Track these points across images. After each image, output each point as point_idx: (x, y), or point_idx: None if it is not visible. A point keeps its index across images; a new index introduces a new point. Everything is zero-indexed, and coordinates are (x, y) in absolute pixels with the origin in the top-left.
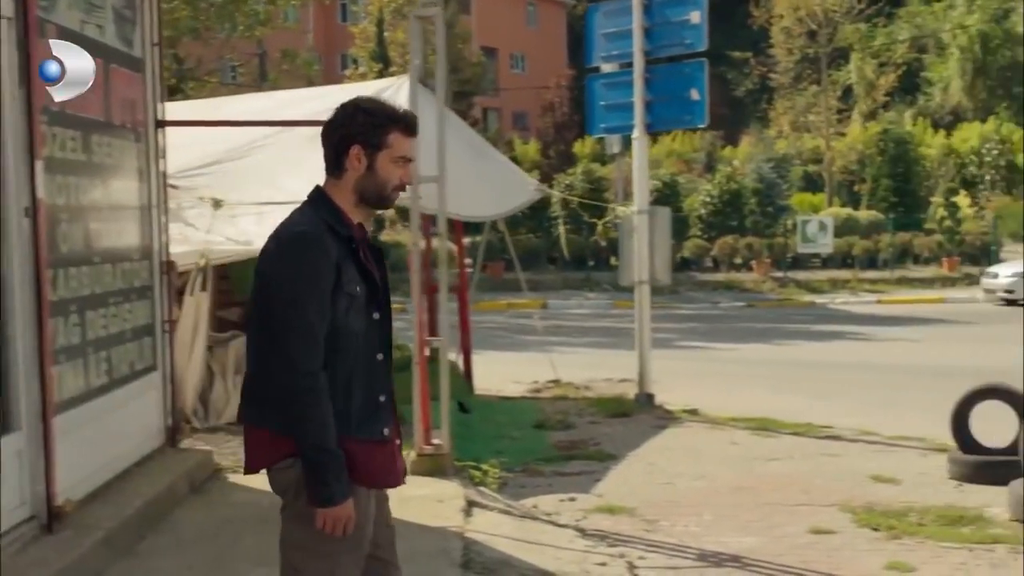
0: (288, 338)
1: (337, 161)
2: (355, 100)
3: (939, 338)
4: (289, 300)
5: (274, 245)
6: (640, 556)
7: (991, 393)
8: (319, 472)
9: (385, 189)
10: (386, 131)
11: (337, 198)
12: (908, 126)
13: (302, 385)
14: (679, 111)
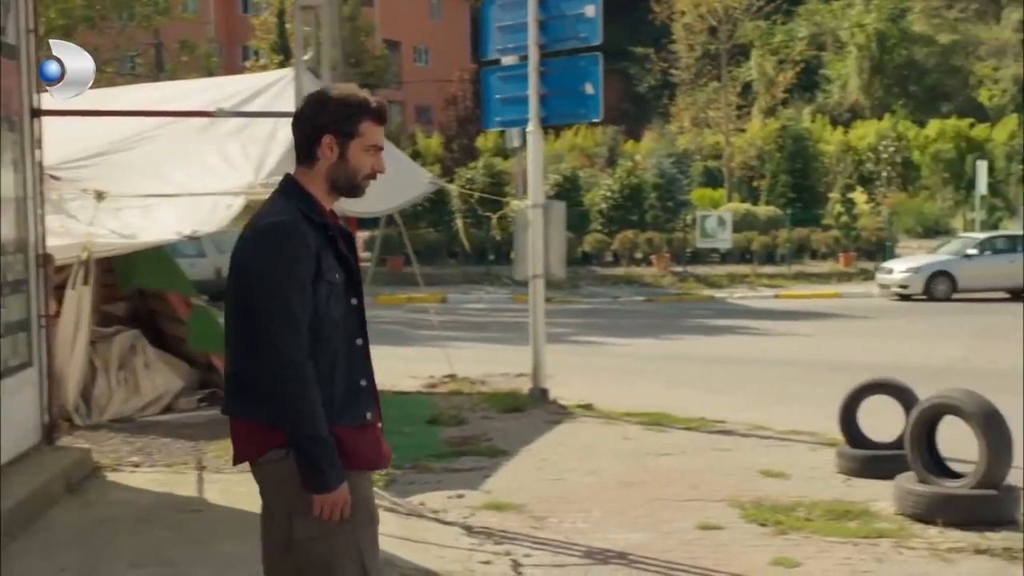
0: (273, 329)
1: (309, 150)
2: (326, 89)
3: (834, 333)
4: (271, 291)
5: (251, 235)
6: (526, 554)
7: (879, 388)
8: (314, 460)
9: (357, 177)
10: (358, 120)
11: (309, 187)
12: (807, 123)
13: (291, 375)
14: (574, 105)
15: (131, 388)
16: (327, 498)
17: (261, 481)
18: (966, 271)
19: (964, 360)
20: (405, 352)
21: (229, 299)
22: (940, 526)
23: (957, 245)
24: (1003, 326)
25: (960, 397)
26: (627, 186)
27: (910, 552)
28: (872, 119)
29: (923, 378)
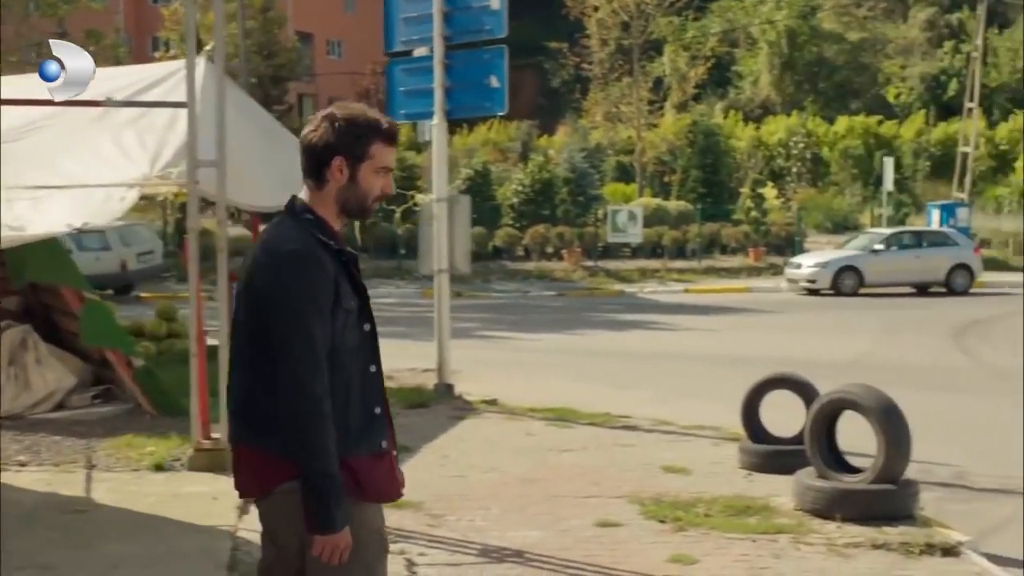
0: (293, 360)
1: (318, 172)
2: (336, 109)
3: (742, 327)
4: (292, 321)
5: (269, 262)
6: (421, 552)
7: (780, 383)
8: (323, 498)
9: (367, 200)
10: (369, 142)
11: (319, 209)
12: (719, 118)
13: (310, 410)
14: (479, 98)
15: (21, 384)
16: (330, 539)
17: (269, 513)
18: (873, 266)
19: (869, 354)
20: None
21: (241, 323)
22: (839, 521)
23: (864, 240)
24: (908, 320)
25: (859, 392)
26: (538, 181)
27: (808, 548)
28: (783, 115)
29: (828, 372)
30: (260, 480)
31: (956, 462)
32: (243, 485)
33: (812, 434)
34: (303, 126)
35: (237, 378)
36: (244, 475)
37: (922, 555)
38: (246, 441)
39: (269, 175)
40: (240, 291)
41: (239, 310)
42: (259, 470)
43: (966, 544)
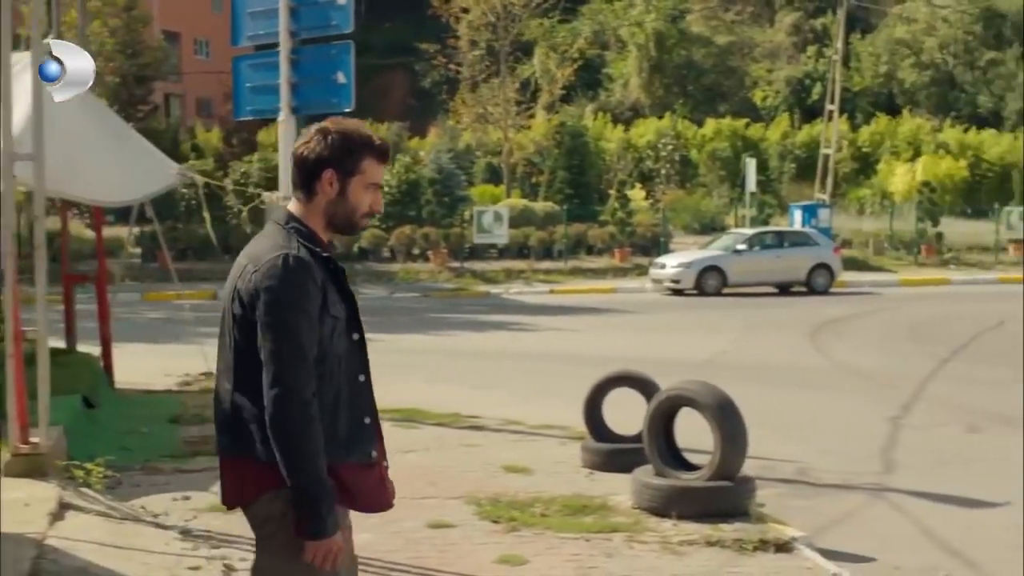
0: (281, 365)
1: (308, 184)
2: (330, 124)
3: (604, 328)
4: (280, 326)
5: (256, 268)
6: (242, 557)
7: (621, 381)
8: (315, 504)
9: (355, 215)
10: (361, 157)
11: (307, 220)
12: (589, 121)
13: (299, 415)
14: (326, 94)
15: None
16: (322, 544)
17: (253, 521)
18: (736, 266)
19: (725, 353)
20: (165, 349)
21: (228, 332)
22: (675, 519)
23: (727, 241)
24: (767, 320)
25: (695, 389)
26: (405, 182)
27: (641, 546)
28: (652, 118)
29: (684, 371)
30: (245, 490)
31: (802, 459)
32: (229, 496)
33: (650, 432)
34: (170, 127)
35: (221, 388)
36: (230, 486)
37: (756, 552)
38: (231, 453)
39: (115, 170)
40: (230, 299)
41: (223, 318)
42: (244, 480)
43: (800, 540)
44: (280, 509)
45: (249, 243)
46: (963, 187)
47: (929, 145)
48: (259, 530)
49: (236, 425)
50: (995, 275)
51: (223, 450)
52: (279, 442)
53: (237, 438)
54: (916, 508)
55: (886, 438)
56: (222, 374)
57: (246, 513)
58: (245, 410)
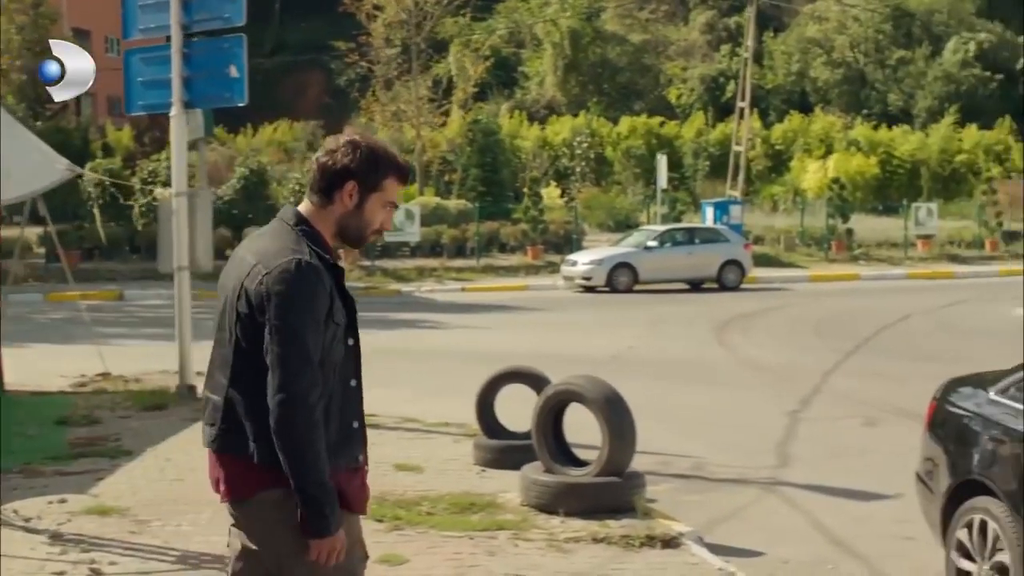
0: (288, 369)
1: (328, 191)
2: (360, 137)
3: (513, 325)
4: (289, 332)
5: (269, 271)
6: (112, 561)
7: (514, 377)
8: (319, 506)
9: (367, 229)
10: (384, 175)
11: (317, 225)
12: (505, 119)
13: (302, 418)
14: (219, 88)
15: None
16: (326, 542)
17: (246, 519)
18: (647, 263)
19: (630, 349)
20: (63, 350)
21: (229, 328)
22: (563, 516)
23: (638, 238)
24: (676, 316)
25: (582, 384)
26: None
27: (526, 544)
28: (568, 116)
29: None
30: (242, 488)
31: (699, 454)
32: (227, 492)
33: (538, 428)
34: (80, 125)
35: (215, 382)
36: (228, 483)
37: (642, 547)
38: (221, 447)
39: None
40: (235, 298)
41: (224, 316)
42: (243, 478)
43: (688, 535)
44: (286, 511)
45: (252, 238)
46: (874, 184)
47: (841, 142)
48: (257, 534)
49: (228, 420)
50: (904, 271)
51: (213, 443)
52: (284, 446)
53: (228, 433)
54: (808, 502)
55: (784, 432)
56: (218, 368)
57: (240, 510)
58: (240, 406)
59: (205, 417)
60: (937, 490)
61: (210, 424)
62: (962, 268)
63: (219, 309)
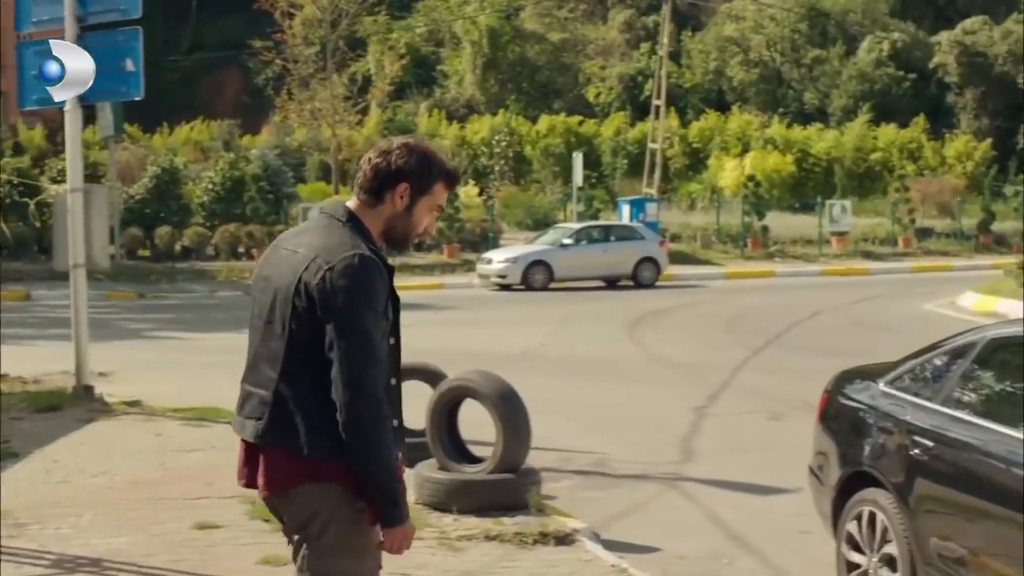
0: (354, 364)
1: (379, 191)
2: (414, 141)
3: (428, 323)
4: (356, 325)
5: (331, 265)
6: None
7: (411, 373)
8: (391, 495)
9: (413, 231)
10: (436, 179)
11: (367, 223)
12: (424, 118)
13: (370, 411)
14: (114, 82)
15: None
16: (399, 531)
17: (288, 511)
18: (562, 261)
19: (541, 346)
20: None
21: (281, 321)
22: (456, 513)
23: (554, 235)
24: (589, 313)
25: (476, 379)
26: (229, 179)
27: (417, 543)
28: (487, 115)
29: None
30: (286, 480)
31: (602, 449)
32: (268, 484)
33: (432, 425)
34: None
35: (261, 375)
36: (269, 475)
37: (536, 545)
38: (275, 442)
39: None
40: (273, 290)
41: (268, 309)
42: (287, 471)
43: (583, 532)
44: (328, 508)
45: (298, 234)
46: (790, 182)
47: (757, 141)
48: (303, 529)
49: (277, 414)
50: (819, 267)
51: (261, 437)
52: (355, 440)
53: (279, 426)
54: (708, 497)
55: (689, 427)
56: (264, 361)
57: (282, 505)
58: (291, 401)
59: (246, 411)
60: (828, 483)
61: (256, 418)
62: (876, 265)
63: (261, 303)
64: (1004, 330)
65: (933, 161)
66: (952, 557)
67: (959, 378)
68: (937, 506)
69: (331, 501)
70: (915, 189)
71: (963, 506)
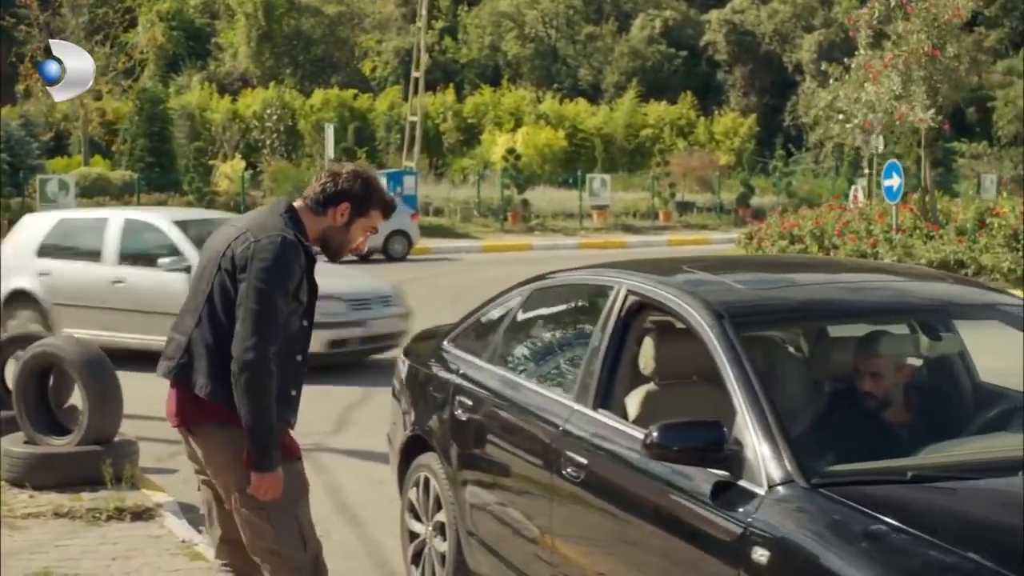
0: (256, 325)
1: (325, 203)
2: (365, 169)
3: None
4: (265, 292)
5: (258, 239)
6: None
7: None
8: (265, 444)
9: (347, 245)
10: (374, 206)
11: (305, 221)
12: (196, 92)
13: (263, 368)
14: None
15: None
16: (267, 477)
17: (197, 448)
18: None
19: None
20: None
21: (206, 279)
22: (32, 489)
23: None
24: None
25: (61, 345)
26: None
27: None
28: (260, 88)
29: None
30: (187, 416)
31: None
32: (179, 418)
33: (18, 394)
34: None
35: (182, 322)
36: (180, 410)
37: (109, 521)
38: (179, 381)
39: None
40: (220, 257)
41: (201, 270)
42: (198, 409)
43: (167, 506)
44: (227, 450)
45: (242, 216)
46: (562, 157)
47: (530, 116)
48: (210, 459)
49: (187, 357)
50: (577, 240)
51: (169, 374)
52: (243, 388)
53: (185, 368)
54: (340, 467)
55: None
56: (188, 313)
57: (195, 440)
58: (199, 346)
59: (166, 352)
60: (395, 448)
61: (169, 358)
62: (634, 238)
63: (199, 266)
64: (546, 282)
65: (703, 137)
66: (486, 528)
67: (503, 333)
68: (473, 473)
69: (237, 443)
70: (675, 164)
71: (493, 471)
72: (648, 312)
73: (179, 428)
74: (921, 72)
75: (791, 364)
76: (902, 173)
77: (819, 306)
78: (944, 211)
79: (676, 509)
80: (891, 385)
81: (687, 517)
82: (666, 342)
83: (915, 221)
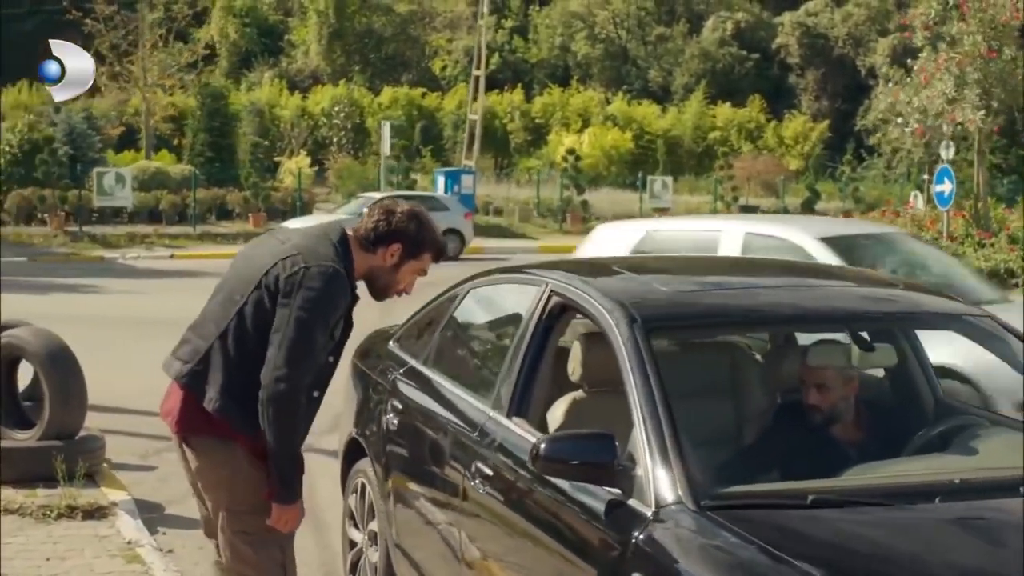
0: (293, 355)
1: (376, 241)
2: (420, 212)
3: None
4: (307, 323)
5: (308, 265)
6: None
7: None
8: (290, 476)
9: (393, 287)
10: (427, 249)
11: (354, 255)
12: (266, 88)
13: (294, 400)
14: None
15: None
16: (288, 509)
17: (198, 459)
18: None
19: None
20: None
21: (241, 292)
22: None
23: (355, 205)
24: None
25: (25, 337)
26: (28, 142)
27: None
28: (331, 85)
29: None
30: (188, 424)
31: None
32: (179, 422)
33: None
34: None
35: (204, 328)
36: (183, 414)
37: (60, 519)
38: (190, 387)
39: None
40: (248, 266)
41: (235, 280)
42: (191, 416)
43: (122, 505)
44: (232, 468)
45: (293, 233)
46: (628, 158)
47: (598, 117)
48: (204, 473)
49: (202, 365)
50: None
51: (181, 377)
52: (270, 418)
53: (198, 375)
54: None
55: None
56: (212, 320)
57: (191, 450)
58: (218, 357)
59: (178, 353)
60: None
61: (184, 361)
62: None
63: (234, 273)
64: (482, 280)
65: (772, 141)
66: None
67: (439, 334)
68: (400, 481)
69: (237, 462)
70: (739, 167)
71: (416, 481)
72: (570, 314)
73: (176, 434)
74: (975, 75)
75: (749, 373)
76: (954, 179)
77: (746, 312)
78: (998, 218)
79: (572, 526)
80: (839, 398)
81: (581, 535)
82: (595, 347)
83: (967, 228)
